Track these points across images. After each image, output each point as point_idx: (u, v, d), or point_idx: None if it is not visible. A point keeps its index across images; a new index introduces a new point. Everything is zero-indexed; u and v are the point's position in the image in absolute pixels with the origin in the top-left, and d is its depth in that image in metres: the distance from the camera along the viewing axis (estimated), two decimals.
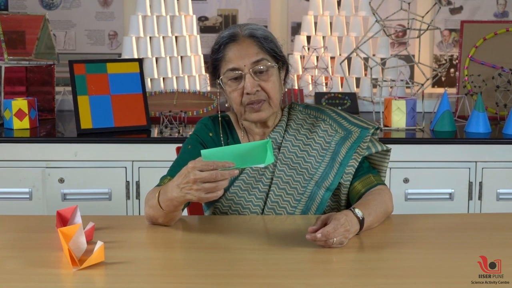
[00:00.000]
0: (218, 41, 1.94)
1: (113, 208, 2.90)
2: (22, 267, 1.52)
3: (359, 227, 1.72)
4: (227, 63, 1.90)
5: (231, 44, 1.91)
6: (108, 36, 3.93)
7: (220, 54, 1.92)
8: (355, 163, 1.94)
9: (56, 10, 3.88)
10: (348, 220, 1.67)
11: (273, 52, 1.93)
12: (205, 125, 2.02)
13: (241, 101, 1.91)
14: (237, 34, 1.92)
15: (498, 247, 1.66)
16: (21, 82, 3.41)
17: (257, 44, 1.90)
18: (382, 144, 2.00)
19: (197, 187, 1.60)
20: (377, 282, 1.45)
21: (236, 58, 1.89)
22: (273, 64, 1.91)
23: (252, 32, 1.92)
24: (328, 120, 2.01)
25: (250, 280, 1.46)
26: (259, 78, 1.89)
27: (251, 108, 1.91)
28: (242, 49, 1.89)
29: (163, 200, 1.73)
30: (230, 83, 1.91)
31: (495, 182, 2.96)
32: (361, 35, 3.62)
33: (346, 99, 3.52)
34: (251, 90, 1.88)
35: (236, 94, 1.90)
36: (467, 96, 3.38)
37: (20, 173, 2.90)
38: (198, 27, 3.88)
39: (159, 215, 1.78)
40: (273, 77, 1.91)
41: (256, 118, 1.93)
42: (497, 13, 3.92)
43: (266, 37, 1.93)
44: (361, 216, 1.73)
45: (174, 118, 3.10)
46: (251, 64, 1.88)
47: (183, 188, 1.63)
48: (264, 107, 1.91)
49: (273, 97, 1.91)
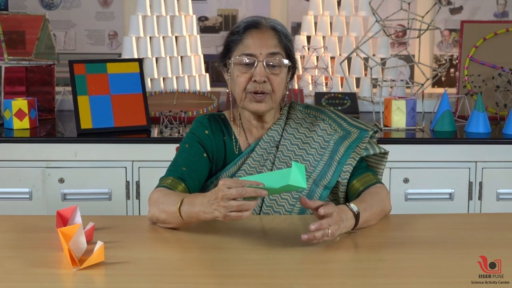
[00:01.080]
0: (239, 25, 1.95)
1: (113, 208, 2.90)
2: (22, 267, 1.52)
3: (354, 221, 1.72)
4: (244, 48, 1.91)
5: (253, 30, 1.92)
6: (108, 36, 3.93)
7: (239, 37, 1.93)
8: (353, 161, 1.94)
9: (56, 10, 3.88)
10: (341, 211, 1.67)
11: (288, 50, 1.95)
12: (200, 123, 2.02)
13: (245, 87, 1.91)
14: (261, 23, 1.94)
15: (498, 247, 1.66)
16: (21, 82, 3.41)
17: (277, 38, 1.93)
18: (380, 147, 2.00)
19: (224, 204, 1.59)
20: (377, 282, 1.45)
21: (254, 44, 1.90)
22: (286, 61, 1.92)
23: (275, 26, 1.94)
24: (327, 119, 2.02)
25: (250, 280, 1.46)
26: (270, 70, 1.90)
27: (252, 97, 1.91)
28: (263, 37, 1.91)
29: (188, 211, 1.69)
30: (240, 67, 1.92)
31: (495, 182, 2.96)
32: (361, 35, 3.62)
33: (346, 99, 3.52)
34: (260, 79, 1.88)
35: (243, 79, 1.91)
36: (467, 96, 3.38)
37: (20, 173, 2.90)
38: (198, 27, 3.88)
39: (174, 222, 1.75)
40: (282, 74, 1.92)
41: (254, 108, 1.93)
42: (497, 13, 3.92)
43: (287, 35, 1.96)
44: (356, 210, 1.72)
45: (174, 118, 3.10)
46: (267, 55, 1.89)
47: (212, 204, 1.62)
48: (266, 99, 1.92)
49: (277, 93, 1.92)
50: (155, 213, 1.79)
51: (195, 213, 1.68)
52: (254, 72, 1.89)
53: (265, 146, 1.99)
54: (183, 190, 1.87)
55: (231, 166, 1.98)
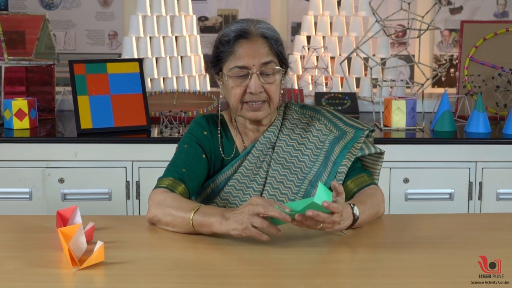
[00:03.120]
0: (229, 34, 1.90)
1: (113, 208, 2.90)
2: (22, 267, 1.52)
3: (350, 223, 1.72)
4: (236, 60, 1.89)
5: (243, 40, 1.89)
6: (108, 36, 3.93)
7: (229, 48, 1.89)
8: (348, 162, 1.93)
9: (56, 10, 3.88)
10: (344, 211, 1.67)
11: (280, 55, 1.93)
12: (199, 123, 2.01)
13: (241, 99, 1.91)
14: (250, 31, 1.89)
15: (498, 247, 1.66)
16: (21, 82, 3.41)
17: (268, 46, 1.90)
18: (376, 147, 1.99)
19: (249, 217, 1.61)
20: (377, 282, 1.45)
21: (246, 56, 1.88)
22: (279, 68, 1.91)
23: (264, 32, 1.91)
24: (323, 119, 2.01)
25: (250, 280, 1.46)
26: (264, 80, 1.89)
27: (249, 107, 1.91)
28: (254, 47, 1.88)
29: (201, 219, 1.70)
30: (234, 79, 1.90)
31: (495, 182, 2.96)
32: (361, 35, 3.62)
33: (346, 99, 3.52)
34: (255, 91, 1.88)
35: (238, 91, 1.90)
36: (467, 96, 3.38)
37: (20, 173, 2.90)
38: (198, 27, 3.88)
39: (180, 227, 1.75)
40: (277, 81, 1.92)
41: (253, 117, 1.93)
42: (497, 13, 3.92)
43: (277, 39, 1.93)
44: (357, 215, 1.73)
45: (174, 118, 3.10)
46: (260, 65, 1.88)
47: (235, 215, 1.63)
48: (264, 107, 1.92)
49: (274, 100, 1.92)
50: (158, 215, 1.78)
51: (209, 223, 1.68)
52: (249, 83, 1.88)
53: (261, 148, 1.98)
54: (183, 191, 1.87)
55: (228, 169, 1.97)
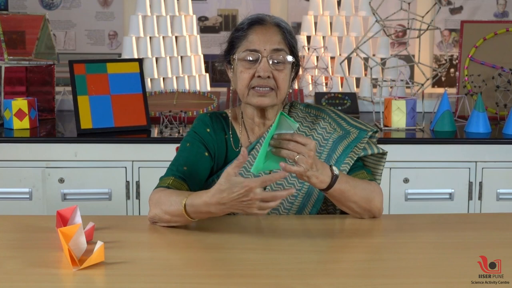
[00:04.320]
0: (244, 21, 1.97)
1: (113, 208, 2.90)
2: (22, 267, 1.52)
3: (329, 181, 1.73)
4: (248, 44, 1.91)
5: (257, 26, 1.93)
6: (108, 36, 3.93)
7: (243, 33, 1.93)
8: (350, 161, 1.94)
9: (56, 10, 3.88)
10: (319, 162, 1.70)
11: (292, 47, 1.95)
12: (202, 121, 2.02)
13: (249, 84, 1.91)
14: (265, 19, 1.95)
15: (498, 247, 1.66)
16: (21, 82, 3.41)
17: (281, 34, 1.93)
18: (378, 147, 2.00)
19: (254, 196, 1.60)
20: (377, 282, 1.45)
21: (258, 40, 1.91)
22: (290, 58, 1.92)
23: (279, 23, 1.95)
24: (327, 118, 2.02)
25: (250, 280, 1.46)
26: (274, 66, 1.90)
27: (256, 92, 1.91)
28: (267, 33, 1.92)
29: (195, 204, 1.69)
30: (244, 63, 1.91)
31: (495, 182, 2.96)
32: (361, 35, 3.62)
33: (346, 99, 3.52)
34: (264, 74, 1.88)
35: (247, 75, 1.90)
36: (467, 96, 3.38)
37: (20, 173, 2.90)
38: (198, 27, 3.88)
39: (179, 221, 1.76)
40: (286, 70, 1.92)
41: (258, 103, 1.92)
42: (497, 13, 3.92)
43: (291, 32, 1.97)
44: (336, 173, 1.75)
45: (174, 118, 3.11)
46: (271, 50, 1.90)
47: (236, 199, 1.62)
48: (270, 94, 1.91)
49: (282, 89, 1.92)
50: (158, 214, 1.79)
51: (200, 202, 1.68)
52: (258, 67, 1.89)
53: None
54: (184, 190, 1.87)
55: None
